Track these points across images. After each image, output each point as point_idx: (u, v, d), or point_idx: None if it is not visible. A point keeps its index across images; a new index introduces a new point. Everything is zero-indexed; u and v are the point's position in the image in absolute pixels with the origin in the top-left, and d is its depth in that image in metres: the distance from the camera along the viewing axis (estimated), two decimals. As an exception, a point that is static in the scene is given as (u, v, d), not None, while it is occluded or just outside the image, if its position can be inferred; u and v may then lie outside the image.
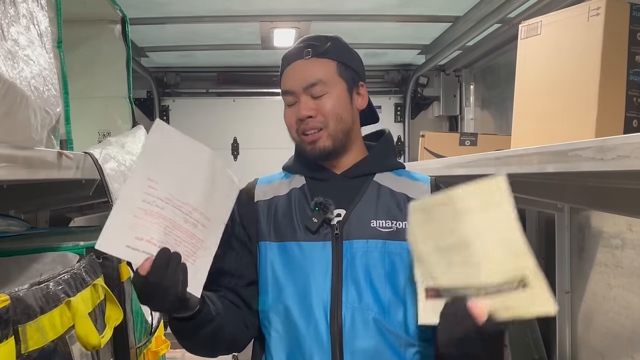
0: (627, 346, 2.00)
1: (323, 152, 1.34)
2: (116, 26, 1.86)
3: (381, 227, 1.31)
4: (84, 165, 1.23)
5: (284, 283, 1.30)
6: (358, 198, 1.35)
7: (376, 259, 1.29)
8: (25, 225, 1.62)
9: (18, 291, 0.90)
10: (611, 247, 2.09)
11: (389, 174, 1.40)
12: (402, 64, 4.24)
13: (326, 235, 1.30)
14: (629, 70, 1.32)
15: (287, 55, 1.40)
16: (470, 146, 2.67)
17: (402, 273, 1.29)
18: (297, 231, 1.32)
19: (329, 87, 1.34)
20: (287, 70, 1.37)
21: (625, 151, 0.90)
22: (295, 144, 1.41)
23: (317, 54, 1.36)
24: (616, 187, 1.23)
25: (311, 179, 1.40)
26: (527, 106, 1.58)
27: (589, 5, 1.34)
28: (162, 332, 1.93)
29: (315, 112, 1.32)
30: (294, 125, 1.35)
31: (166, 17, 2.96)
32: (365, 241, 1.30)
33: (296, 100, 1.34)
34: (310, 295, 1.28)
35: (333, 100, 1.34)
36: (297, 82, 1.34)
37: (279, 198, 1.38)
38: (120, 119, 1.85)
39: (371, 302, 1.26)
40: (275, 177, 1.46)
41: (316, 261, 1.29)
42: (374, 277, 1.28)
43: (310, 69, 1.35)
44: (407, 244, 1.25)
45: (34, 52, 0.99)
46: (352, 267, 1.28)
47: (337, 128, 1.34)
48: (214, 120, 4.32)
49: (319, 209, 1.31)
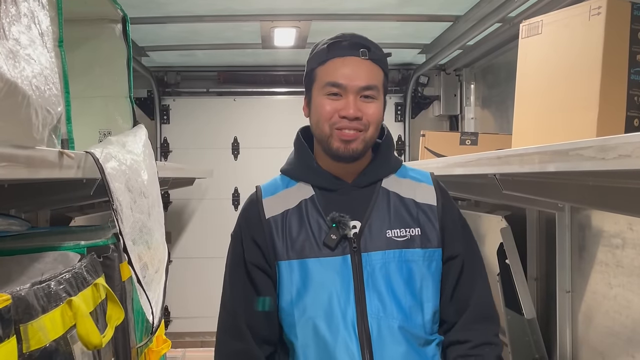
0: (628, 345, 2.00)
1: (354, 154, 1.35)
2: (117, 25, 1.86)
3: (397, 236, 1.34)
4: (85, 164, 1.23)
5: (308, 299, 1.32)
6: (370, 208, 1.37)
7: (395, 269, 1.33)
8: (25, 225, 1.61)
9: (19, 290, 0.90)
10: (612, 247, 2.09)
11: (393, 177, 1.43)
12: (403, 63, 4.24)
13: (345, 249, 1.33)
14: (630, 70, 1.32)
15: (334, 45, 1.36)
16: (470, 145, 2.67)
17: (418, 278, 1.34)
18: (315, 248, 1.33)
19: (378, 95, 1.36)
20: (339, 61, 1.34)
21: (627, 150, 0.90)
22: (319, 136, 1.38)
23: (372, 59, 1.37)
24: (617, 187, 1.23)
25: (320, 189, 1.40)
26: (528, 105, 1.58)
27: (590, 5, 1.34)
28: (163, 332, 1.93)
29: (361, 115, 1.33)
30: (331, 118, 1.33)
31: (167, 17, 2.96)
32: (383, 252, 1.33)
33: (342, 94, 1.33)
34: (335, 309, 1.30)
35: (378, 109, 1.36)
36: (353, 79, 1.32)
37: (289, 212, 1.38)
38: (121, 118, 1.85)
39: (395, 311, 1.31)
40: (279, 186, 1.44)
41: (338, 275, 1.32)
42: (395, 286, 1.32)
43: (369, 71, 1.35)
44: (421, 251, 1.35)
45: (35, 52, 0.99)
46: (373, 278, 1.32)
47: (373, 136, 1.37)
48: (214, 119, 4.32)
49: (337, 226, 1.33)
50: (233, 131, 4.33)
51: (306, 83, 1.43)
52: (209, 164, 4.09)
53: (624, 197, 1.24)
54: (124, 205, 1.35)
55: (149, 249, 1.53)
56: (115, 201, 1.29)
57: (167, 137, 4.33)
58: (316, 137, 1.41)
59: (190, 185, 3.84)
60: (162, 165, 2.54)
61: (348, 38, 1.37)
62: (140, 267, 1.40)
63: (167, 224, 1.81)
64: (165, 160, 4.27)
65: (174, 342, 2.55)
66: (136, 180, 1.48)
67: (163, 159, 4.25)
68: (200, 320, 4.11)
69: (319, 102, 1.36)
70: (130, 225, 1.40)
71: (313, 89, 1.39)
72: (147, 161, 1.63)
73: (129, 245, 1.33)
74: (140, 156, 1.59)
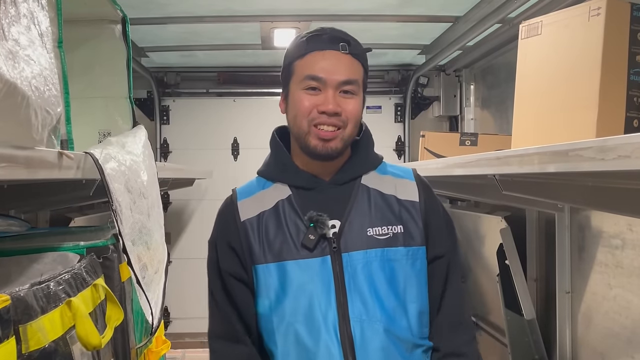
0: (627, 346, 2.00)
1: (332, 153, 1.30)
2: (117, 26, 1.86)
3: (378, 234, 1.29)
4: (85, 165, 1.23)
5: (288, 304, 1.27)
6: (350, 206, 1.31)
7: (377, 269, 1.27)
8: (25, 225, 1.61)
9: (19, 291, 0.90)
10: (611, 247, 2.09)
11: (373, 173, 1.38)
12: (403, 64, 4.24)
13: (324, 250, 1.27)
14: (630, 70, 1.32)
15: (313, 38, 1.32)
16: (470, 146, 2.67)
17: (401, 277, 1.28)
18: (293, 249, 1.28)
19: (358, 90, 1.32)
20: (318, 55, 1.29)
21: (626, 151, 0.90)
22: (296, 133, 1.33)
23: (353, 53, 1.31)
24: (617, 187, 1.23)
25: (296, 189, 1.34)
26: (528, 106, 1.58)
27: (590, 5, 1.35)
28: (163, 332, 1.93)
29: (340, 110, 1.28)
30: (310, 114, 1.28)
31: (166, 17, 2.97)
32: (364, 252, 1.27)
33: (321, 88, 1.28)
34: (316, 313, 1.25)
35: (358, 105, 1.31)
36: (333, 73, 1.28)
37: (266, 213, 1.33)
38: (121, 119, 1.85)
39: (378, 313, 1.25)
40: (254, 187, 1.40)
41: (317, 278, 1.26)
42: (378, 286, 1.26)
43: (349, 65, 1.30)
44: (404, 249, 1.28)
45: (35, 52, 0.99)
46: (354, 279, 1.26)
47: (351, 133, 1.32)
48: (214, 120, 4.32)
49: (314, 225, 1.27)
50: (233, 132, 4.33)
51: (284, 77, 1.37)
52: (209, 165, 4.09)
53: (624, 197, 1.24)
54: (124, 206, 1.35)
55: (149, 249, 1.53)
56: (114, 202, 1.29)
57: (166, 138, 4.33)
58: (293, 134, 1.35)
59: (190, 185, 3.84)
60: (161, 165, 2.54)
61: (328, 32, 1.32)
62: (139, 268, 1.40)
63: (167, 225, 1.81)
64: (165, 160, 4.27)
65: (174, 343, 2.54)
66: (136, 180, 1.48)
67: (163, 160, 4.25)
68: (200, 320, 4.07)
69: (297, 97, 1.30)
70: (130, 226, 1.40)
71: (291, 83, 1.33)
72: (146, 162, 1.63)
73: (129, 246, 1.33)
74: (139, 157, 1.59)
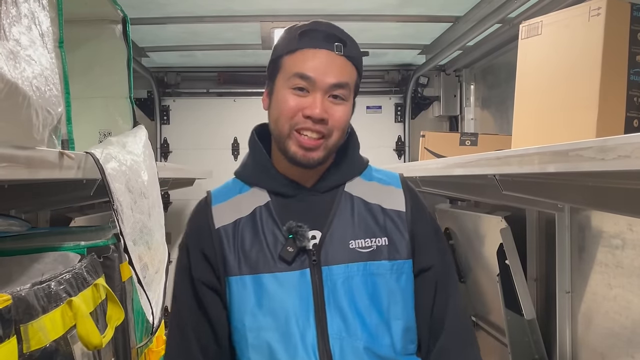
0: (627, 346, 2.00)
1: (313, 163, 1.20)
2: (117, 26, 1.86)
3: (361, 247, 1.20)
4: (85, 165, 1.23)
5: (263, 320, 1.18)
6: (332, 216, 1.22)
7: (359, 284, 1.18)
8: (26, 225, 1.62)
9: (20, 291, 0.90)
10: (611, 247, 2.09)
11: (358, 179, 1.29)
12: (403, 64, 4.24)
13: (303, 263, 1.18)
14: (630, 70, 1.32)
15: (307, 33, 1.21)
16: (470, 146, 2.67)
17: (385, 293, 1.20)
18: (271, 262, 1.18)
19: (349, 96, 1.22)
20: (310, 53, 1.19)
21: (626, 151, 0.90)
22: (277, 135, 1.23)
23: (348, 55, 1.21)
24: (617, 187, 1.23)
25: (275, 195, 1.25)
26: (528, 106, 1.58)
27: (590, 5, 1.35)
28: (163, 332, 1.93)
29: (327, 117, 1.18)
30: (294, 117, 1.18)
31: (167, 17, 2.96)
32: (345, 265, 1.19)
33: (309, 90, 1.18)
34: (293, 330, 1.16)
35: (347, 113, 1.21)
36: (324, 74, 1.17)
37: (242, 220, 1.23)
38: (121, 119, 1.85)
39: (359, 331, 1.17)
40: (231, 190, 1.30)
41: (296, 292, 1.17)
42: (359, 303, 1.18)
43: (342, 67, 1.20)
44: (388, 263, 1.20)
45: (36, 52, 0.99)
46: (334, 295, 1.17)
47: (336, 143, 1.22)
48: (214, 120, 4.31)
49: (293, 237, 1.18)
50: (233, 132, 4.33)
51: (270, 71, 1.26)
52: (209, 165, 4.09)
53: (624, 197, 1.24)
54: (125, 206, 1.35)
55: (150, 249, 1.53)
56: (115, 202, 1.29)
57: (167, 138, 4.33)
58: (273, 136, 1.25)
59: (191, 185, 3.84)
60: (162, 165, 2.55)
61: (323, 28, 1.21)
62: (140, 268, 1.40)
63: (167, 225, 1.81)
64: (165, 160, 4.27)
65: (174, 343, 2.54)
66: (136, 180, 1.49)
67: (163, 160, 4.25)
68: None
69: (282, 95, 1.19)
70: (131, 225, 1.40)
71: (277, 79, 1.23)
72: (147, 162, 1.63)
73: (130, 246, 1.34)
74: (140, 157, 1.59)
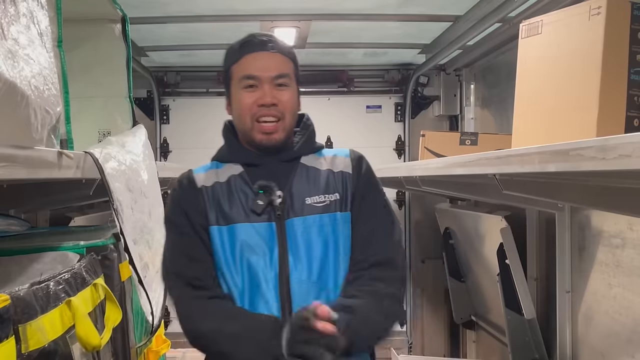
0: (628, 345, 2.00)
1: (277, 143, 1.44)
2: (116, 25, 1.86)
3: (315, 202, 1.44)
4: (84, 164, 1.23)
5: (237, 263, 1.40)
6: (291, 179, 1.47)
7: (315, 233, 1.42)
8: (25, 225, 1.61)
9: (18, 291, 0.90)
10: (612, 247, 2.09)
11: (312, 155, 1.53)
12: (403, 63, 4.23)
13: (270, 216, 1.42)
14: (630, 70, 1.32)
15: (245, 44, 1.48)
16: (470, 145, 2.67)
17: (336, 240, 1.43)
18: (243, 214, 1.42)
19: (291, 82, 1.47)
20: (251, 57, 1.45)
21: (627, 150, 0.90)
22: (242, 130, 1.48)
23: (281, 52, 1.47)
24: (617, 187, 1.23)
25: (247, 166, 1.49)
26: (528, 105, 1.58)
27: (590, 5, 1.34)
28: (163, 332, 1.93)
29: (277, 102, 1.42)
30: (251, 110, 1.43)
31: (166, 17, 2.96)
32: (303, 218, 1.43)
33: (257, 85, 1.43)
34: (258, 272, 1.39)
35: (292, 95, 1.46)
36: (266, 70, 1.43)
37: (219, 185, 1.47)
38: (121, 119, 1.85)
39: (314, 273, 1.40)
40: (209, 168, 1.54)
41: (263, 241, 1.40)
42: (314, 249, 1.41)
43: (279, 61, 1.45)
44: (337, 214, 1.45)
45: (34, 52, 0.99)
46: (294, 243, 1.41)
47: (291, 123, 1.47)
48: (214, 119, 4.26)
49: (264, 192, 1.42)
50: (233, 131, 4.33)
51: (225, 83, 1.52)
52: (209, 164, 4.08)
53: (624, 197, 1.24)
54: (125, 205, 1.35)
55: (150, 249, 1.53)
56: (115, 201, 1.29)
57: (166, 137, 4.33)
58: (239, 131, 1.51)
59: (190, 185, 3.83)
60: (162, 165, 2.54)
61: (257, 36, 1.49)
62: (141, 267, 1.40)
63: (167, 224, 1.80)
64: (165, 160, 4.26)
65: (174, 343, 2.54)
66: (136, 180, 1.49)
67: (163, 159, 4.25)
68: (200, 320, 4.10)
69: (238, 96, 1.45)
70: (132, 225, 1.40)
71: (231, 86, 1.48)
72: (146, 161, 1.63)
73: (131, 245, 1.34)
74: (139, 156, 1.59)
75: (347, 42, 3.61)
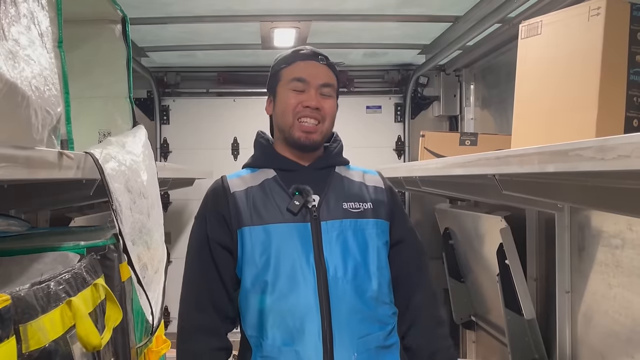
0: (627, 345, 2.00)
1: (313, 144, 1.57)
2: (116, 26, 1.86)
3: (352, 208, 1.54)
4: (85, 165, 1.23)
5: (272, 261, 1.46)
6: (327, 186, 1.57)
7: (350, 235, 1.50)
8: (25, 225, 1.61)
9: (19, 291, 0.90)
10: (611, 247, 2.09)
11: (344, 167, 1.66)
12: (402, 63, 4.24)
13: (305, 217, 1.49)
14: (630, 70, 1.32)
15: (300, 51, 1.62)
16: (470, 146, 2.67)
17: (370, 246, 1.52)
18: (278, 214, 1.49)
19: (333, 93, 1.61)
20: (302, 63, 1.59)
21: (626, 151, 0.90)
22: (282, 127, 1.58)
23: (329, 66, 1.62)
24: (617, 187, 1.23)
25: (281, 171, 1.59)
26: (528, 106, 1.58)
27: (590, 5, 1.35)
28: (163, 332, 1.93)
29: (320, 107, 1.55)
30: (295, 108, 1.55)
31: (167, 17, 2.96)
32: (340, 221, 1.51)
33: (305, 89, 1.56)
34: (297, 272, 1.45)
35: (333, 105, 1.60)
36: (314, 76, 1.57)
37: (253, 188, 1.56)
38: (121, 119, 1.85)
39: (350, 275, 1.47)
40: (242, 173, 1.65)
41: (299, 240, 1.47)
42: (350, 250, 1.49)
43: (326, 72, 1.60)
44: (373, 221, 1.55)
45: (35, 52, 0.99)
46: (330, 243, 1.48)
47: (328, 128, 1.60)
48: (214, 120, 4.31)
49: (300, 194, 1.50)
50: (233, 132, 4.33)
51: (271, 83, 1.64)
52: (209, 165, 4.08)
53: (624, 197, 1.24)
54: (124, 206, 1.35)
55: (149, 249, 1.53)
56: (114, 202, 1.29)
57: (167, 138, 4.33)
58: (279, 127, 1.61)
59: (190, 185, 3.84)
60: (161, 165, 2.54)
61: (309, 48, 1.64)
62: (140, 268, 1.40)
63: (167, 225, 1.81)
64: (165, 160, 4.27)
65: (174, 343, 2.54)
66: (136, 180, 1.49)
67: (163, 160, 4.25)
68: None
69: (285, 96, 1.57)
70: (130, 225, 1.40)
71: (279, 86, 1.61)
72: (146, 162, 1.63)
73: (129, 246, 1.33)
74: (139, 157, 1.59)
75: (347, 42, 3.61)
